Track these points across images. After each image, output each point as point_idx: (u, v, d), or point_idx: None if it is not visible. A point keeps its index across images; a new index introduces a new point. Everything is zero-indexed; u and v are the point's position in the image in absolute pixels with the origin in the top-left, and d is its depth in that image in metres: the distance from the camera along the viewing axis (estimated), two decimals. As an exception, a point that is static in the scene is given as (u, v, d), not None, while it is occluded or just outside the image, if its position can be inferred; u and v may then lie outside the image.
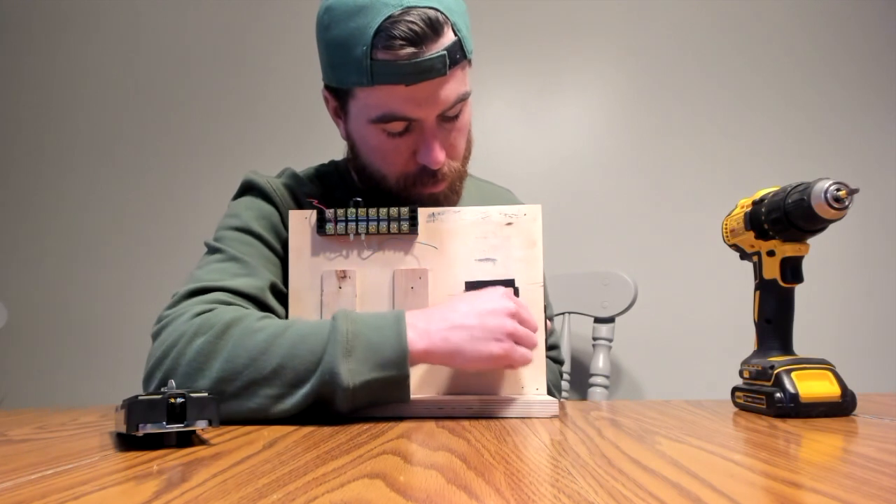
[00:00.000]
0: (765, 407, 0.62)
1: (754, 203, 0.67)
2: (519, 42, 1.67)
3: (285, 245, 0.75)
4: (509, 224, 0.73)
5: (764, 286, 0.67)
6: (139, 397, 0.45)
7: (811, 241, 0.64)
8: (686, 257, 1.56)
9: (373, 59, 0.68)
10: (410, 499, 0.30)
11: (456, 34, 0.70)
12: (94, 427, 0.61)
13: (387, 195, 0.79)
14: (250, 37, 1.75)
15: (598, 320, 1.36)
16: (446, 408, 0.65)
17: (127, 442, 0.49)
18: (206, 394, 0.46)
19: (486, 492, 0.31)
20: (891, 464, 0.37)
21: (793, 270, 0.65)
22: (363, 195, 0.78)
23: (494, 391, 0.69)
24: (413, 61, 0.67)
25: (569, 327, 1.39)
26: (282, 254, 0.78)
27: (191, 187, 1.72)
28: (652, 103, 1.62)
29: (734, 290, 1.50)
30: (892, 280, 1.51)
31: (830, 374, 0.61)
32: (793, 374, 0.61)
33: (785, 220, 0.62)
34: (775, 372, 0.62)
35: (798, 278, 0.65)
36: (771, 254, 0.66)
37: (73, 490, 0.33)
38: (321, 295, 0.72)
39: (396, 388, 0.61)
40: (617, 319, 1.36)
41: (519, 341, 0.64)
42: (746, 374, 0.67)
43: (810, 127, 1.57)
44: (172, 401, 0.45)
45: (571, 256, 1.56)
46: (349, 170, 0.87)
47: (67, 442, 0.51)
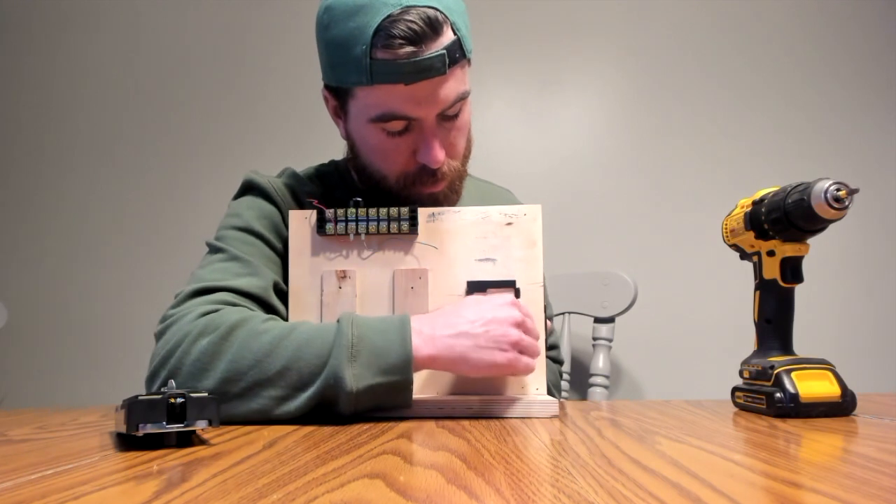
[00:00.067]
0: (765, 407, 0.62)
1: (754, 203, 0.67)
2: (519, 42, 1.67)
3: (286, 245, 0.75)
4: (509, 224, 0.73)
5: (764, 286, 0.67)
6: (139, 397, 0.45)
7: (811, 241, 0.64)
8: (686, 257, 1.56)
9: (372, 59, 0.68)
10: (410, 499, 0.30)
11: (455, 33, 0.70)
12: (94, 427, 0.61)
13: (387, 195, 0.79)
14: (250, 37, 1.75)
15: (598, 320, 1.36)
16: (446, 408, 0.65)
17: (127, 442, 0.49)
18: (206, 394, 0.46)
19: (486, 492, 0.31)
20: (891, 464, 0.37)
21: (793, 270, 0.65)
22: (363, 195, 0.78)
23: (495, 391, 0.69)
24: (412, 60, 0.67)
25: (569, 327, 1.39)
26: (283, 253, 0.78)
27: (191, 187, 1.72)
28: (652, 103, 1.62)
29: (734, 290, 1.50)
30: (891, 280, 1.51)
31: (830, 374, 0.61)
32: (793, 374, 0.61)
33: (785, 220, 0.62)
34: (775, 372, 0.62)
35: (798, 278, 0.65)
36: (771, 254, 0.66)
37: (73, 490, 0.33)
38: (321, 295, 0.72)
39: (399, 394, 0.61)
40: (617, 319, 1.36)
41: (523, 351, 0.64)
42: (746, 374, 0.67)
43: (810, 127, 1.57)
44: (172, 401, 0.45)
45: (571, 256, 1.56)
46: (349, 169, 0.87)
47: (67, 442, 0.51)
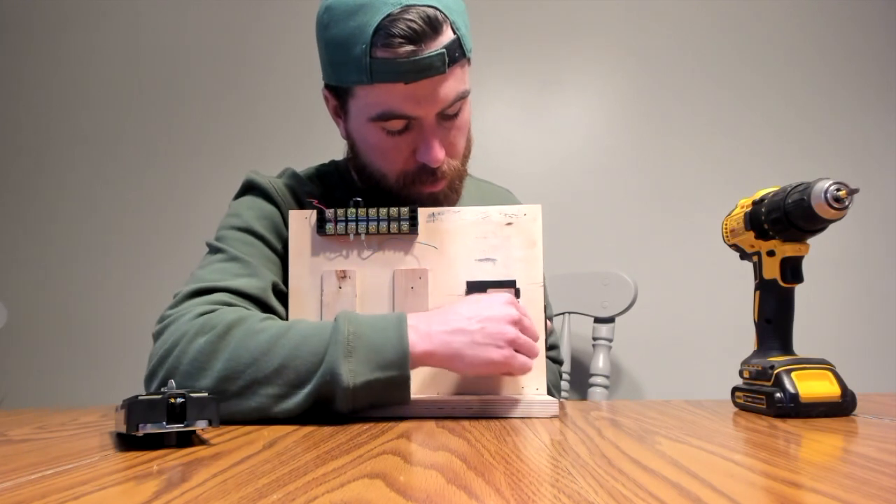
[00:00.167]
0: (765, 407, 0.62)
1: (754, 203, 0.67)
2: (519, 42, 1.67)
3: (286, 245, 0.75)
4: (509, 224, 0.73)
5: (764, 286, 0.67)
6: (139, 397, 0.45)
7: (811, 241, 0.64)
8: (686, 257, 1.56)
9: (372, 58, 0.68)
10: (410, 499, 0.30)
11: (455, 32, 0.70)
12: (94, 427, 0.61)
13: (387, 194, 0.79)
14: (250, 37, 1.75)
15: (598, 320, 1.36)
16: (446, 408, 0.65)
17: (127, 442, 0.49)
18: (206, 394, 0.46)
19: (486, 492, 0.31)
20: (891, 464, 0.37)
21: (793, 270, 0.65)
22: (363, 195, 0.78)
23: (495, 391, 0.69)
24: (412, 59, 0.67)
25: (569, 327, 1.39)
26: (283, 254, 0.78)
27: (191, 187, 1.72)
28: (652, 103, 1.62)
29: (734, 290, 1.50)
30: (891, 280, 1.51)
31: (830, 374, 0.61)
32: (793, 374, 0.61)
33: (785, 220, 0.62)
34: (775, 372, 0.62)
35: (798, 278, 0.65)
36: (771, 254, 0.66)
37: (73, 490, 0.33)
38: (321, 295, 0.72)
39: (397, 389, 0.61)
40: (617, 319, 1.36)
41: (519, 349, 0.64)
42: (746, 374, 0.67)
43: (810, 127, 1.57)
44: (172, 401, 0.45)
45: (571, 256, 1.56)
46: (349, 169, 0.87)
47: (67, 442, 0.51)
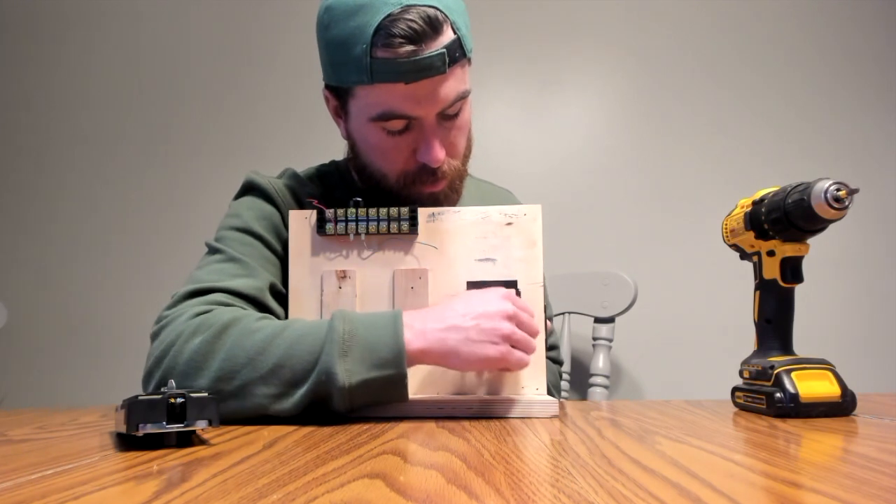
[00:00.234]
0: (765, 407, 0.62)
1: (754, 203, 0.67)
2: (519, 42, 1.67)
3: (286, 246, 0.75)
4: (509, 224, 0.73)
5: (764, 286, 0.67)
6: (139, 397, 0.45)
7: (811, 241, 0.64)
8: (686, 257, 1.56)
9: (372, 58, 0.68)
10: (410, 499, 0.30)
11: (455, 32, 0.70)
12: (94, 427, 0.61)
13: (387, 195, 0.78)
14: (250, 37, 1.75)
15: (598, 320, 1.36)
16: (446, 408, 0.65)
17: (127, 442, 0.49)
18: (206, 394, 0.46)
19: (486, 492, 0.31)
20: (891, 464, 0.37)
21: (793, 270, 0.65)
22: (364, 195, 0.78)
23: (494, 391, 0.69)
24: (412, 59, 0.67)
25: (569, 327, 1.39)
26: (282, 254, 0.78)
27: (191, 187, 1.72)
28: (652, 103, 1.62)
29: (734, 290, 1.50)
30: (891, 280, 1.51)
31: (830, 374, 0.61)
32: (793, 374, 0.61)
33: (785, 220, 0.62)
34: (775, 372, 0.62)
35: (798, 278, 0.65)
36: (771, 254, 0.66)
37: (73, 490, 0.33)
38: (321, 295, 0.72)
39: (394, 388, 0.61)
40: (617, 319, 1.36)
41: (516, 345, 0.64)
42: (746, 374, 0.67)
43: (810, 127, 1.57)
44: (172, 401, 0.45)
45: (571, 256, 1.56)
46: (350, 169, 0.87)
47: (67, 442, 0.51)
